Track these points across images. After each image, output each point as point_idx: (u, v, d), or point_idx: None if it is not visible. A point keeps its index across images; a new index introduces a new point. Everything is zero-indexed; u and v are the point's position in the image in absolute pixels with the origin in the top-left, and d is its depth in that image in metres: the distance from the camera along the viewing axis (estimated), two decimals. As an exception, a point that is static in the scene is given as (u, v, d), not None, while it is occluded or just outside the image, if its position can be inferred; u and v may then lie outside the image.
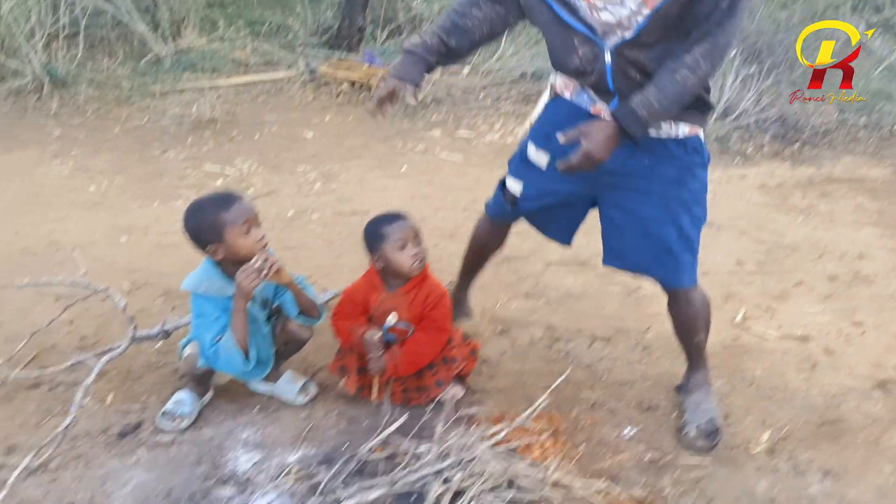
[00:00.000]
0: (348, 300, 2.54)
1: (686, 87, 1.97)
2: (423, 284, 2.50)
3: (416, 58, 2.30)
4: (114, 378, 2.66)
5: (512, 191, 2.55)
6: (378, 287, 2.51)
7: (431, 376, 2.57)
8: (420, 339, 2.50)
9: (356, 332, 2.45)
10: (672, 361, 2.95)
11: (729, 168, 5.25)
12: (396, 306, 2.51)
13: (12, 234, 3.67)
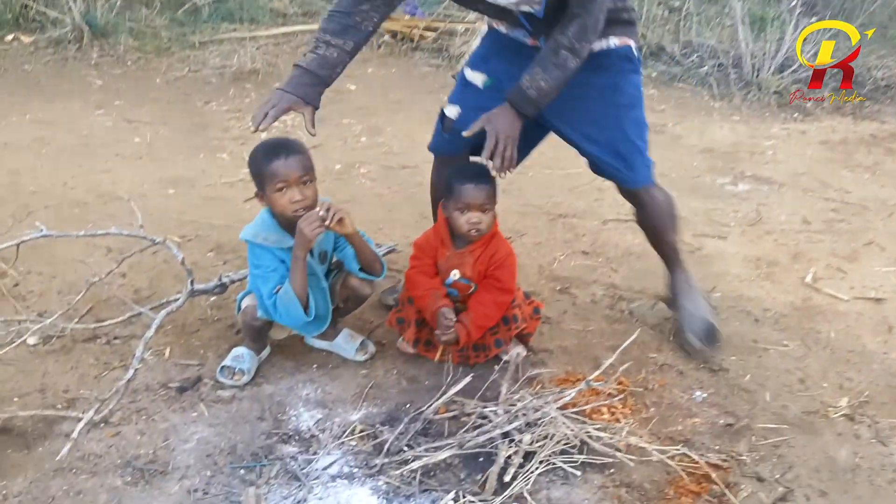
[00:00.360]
0: (420, 252, 2.47)
1: (568, 66, 2.09)
2: (490, 243, 2.41)
3: (312, 76, 2.24)
4: (170, 332, 2.61)
5: (449, 116, 2.46)
6: (446, 243, 2.43)
7: (491, 336, 2.49)
8: (484, 300, 2.41)
9: (435, 301, 2.37)
10: (741, 322, 2.84)
11: (788, 123, 5.05)
12: (461, 264, 2.43)
13: (61, 185, 3.63)
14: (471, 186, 2.31)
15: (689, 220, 3.62)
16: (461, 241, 2.43)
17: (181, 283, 2.90)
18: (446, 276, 2.46)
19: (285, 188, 2.19)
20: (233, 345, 2.55)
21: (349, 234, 2.24)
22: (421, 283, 2.44)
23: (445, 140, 2.56)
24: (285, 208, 2.22)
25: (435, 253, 2.47)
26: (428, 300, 2.41)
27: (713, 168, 4.28)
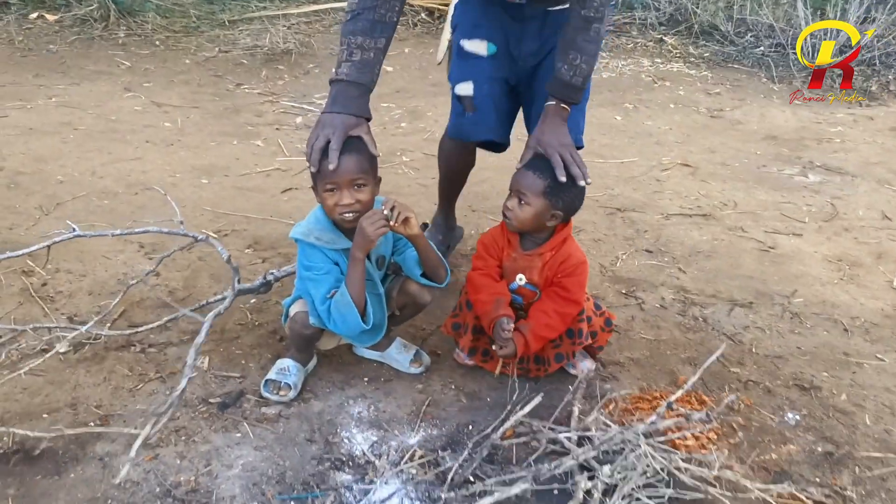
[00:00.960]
0: (485, 251, 2.24)
1: (600, 36, 2.06)
2: (563, 247, 2.17)
3: (356, 87, 2.03)
4: (208, 340, 2.40)
5: (465, 94, 2.36)
6: (513, 243, 2.20)
7: (552, 349, 2.26)
8: (547, 309, 2.17)
9: (496, 309, 2.15)
10: (829, 332, 2.60)
11: (853, 108, 4.74)
12: (527, 267, 2.20)
13: (90, 174, 3.43)
14: (523, 171, 2.08)
15: (760, 215, 3.36)
16: (530, 241, 2.19)
17: (217, 282, 2.71)
18: (511, 279, 2.23)
19: (335, 189, 1.96)
20: (276, 353, 2.35)
21: (414, 235, 2.01)
22: (484, 287, 2.22)
23: (470, 121, 2.39)
24: (331, 211, 2.00)
25: (501, 253, 2.24)
26: (489, 307, 2.18)
27: (779, 157, 4.00)
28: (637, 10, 6.14)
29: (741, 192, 3.59)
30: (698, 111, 4.62)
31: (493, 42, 2.34)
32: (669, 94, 4.85)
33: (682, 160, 3.90)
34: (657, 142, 4.13)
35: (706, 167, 3.84)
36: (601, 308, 2.32)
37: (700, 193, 3.56)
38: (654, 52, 5.63)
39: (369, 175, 1.98)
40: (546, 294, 2.20)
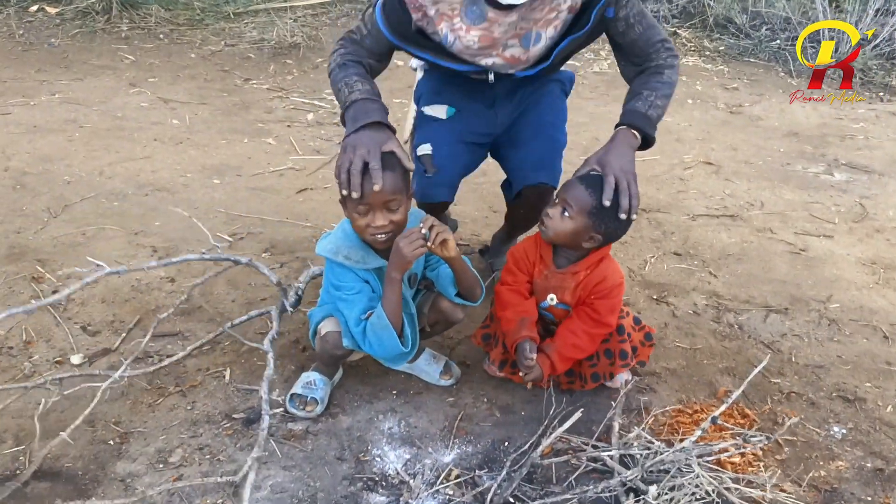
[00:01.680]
0: (515, 265, 2.13)
1: (673, 81, 2.06)
2: (599, 266, 2.04)
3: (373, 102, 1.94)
4: (228, 350, 2.32)
5: (425, 153, 2.26)
6: (545, 259, 2.08)
7: (589, 367, 2.17)
8: (576, 330, 2.07)
9: (519, 329, 2.05)
10: (869, 340, 2.51)
11: (874, 103, 4.65)
12: (560, 287, 2.08)
13: (97, 173, 3.32)
14: (573, 183, 1.93)
15: (788, 216, 3.28)
16: (564, 258, 2.07)
17: (235, 288, 2.62)
18: (542, 297, 2.12)
19: (371, 210, 1.85)
20: (300, 364, 2.27)
21: (452, 256, 1.91)
22: (510, 304, 2.11)
23: (432, 183, 2.26)
24: (363, 231, 1.89)
25: (532, 269, 2.12)
26: (513, 326, 2.08)
27: (802, 154, 3.91)
28: (649, 3, 6.02)
29: (767, 191, 3.50)
30: (717, 107, 4.52)
31: (452, 105, 2.28)
32: (687, 90, 4.75)
33: (704, 158, 3.81)
34: (677, 139, 4.03)
35: (729, 165, 3.75)
36: (640, 322, 2.21)
37: (725, 193, 3.47)
38: (667, 45, 5.52)
39: (403, 194, 1.86)
40: (576, 313, 2.09)
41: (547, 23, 1.97)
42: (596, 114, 4.26)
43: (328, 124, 3.99)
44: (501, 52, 2.02)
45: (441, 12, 1.95)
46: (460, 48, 2.01)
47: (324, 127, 3.97)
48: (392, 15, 1.99)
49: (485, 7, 1.93)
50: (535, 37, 1.99)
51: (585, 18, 1.98)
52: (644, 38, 2.04)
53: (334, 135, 3.86)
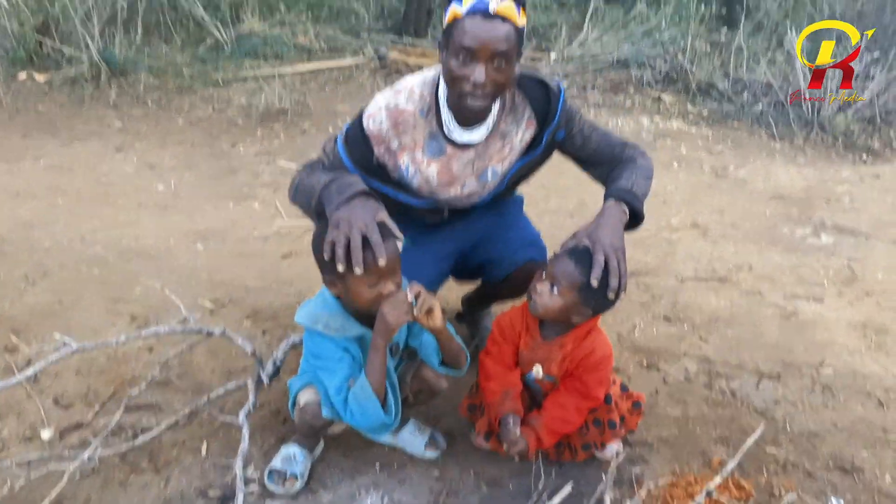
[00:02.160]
0: (501, 334, 2.08)
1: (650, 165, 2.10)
2: (587, 339, 1.99)
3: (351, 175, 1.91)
4: (205, 423, 2.24)
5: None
6: (531, 329, 2.04)
7: (579, 437, 2.10)
8: (564, 403, 2.02)
9: (503, 402, 2.00)
10: (864, 406, 2.46)
11: (858, 166, 4.69)
12: (546, 359, 2.03)
13: (79, 239, 3.28)
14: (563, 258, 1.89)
15: (777, 279, 3.25)
16: (551, 329, 2.02)
17: (214, 357, 2.55)
18: (528, 368, 2.07)
19: (381, 279, 1.79)
20: (280, 436, 2.19)
21: (437, 328, 1.85)
22: (495, 375, 2.06)
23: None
24: (374, 302, 1.81)
25: (518, 339, 2.07)
26: (497, 398, 2.03)
27: (789, 217, 3.92)
28: (633, 69, 6.13)
29: (755, 254, 3.49)
30: (702, 170, 4.55)
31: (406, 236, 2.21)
32: (672, 153, 4.79)
33: (691, 221, 3.81)
34: (664, 201, 4.04)
35: (716, 228, 3.74)
36: (628, 389, 2.16)
37: (713, 256, 3.45)
38: (652, 109, 5.60)
39: (398, 262, 1.82)
40: (564, 385, 2.04)
41: (501, 158, 2.06)
42: (582, 178, 4.24)
43: (314, 189, 3.98)
44: (460, 190, 2.09)
45: (403, 145, 1.99)
46: (420, 182, 2.04)
47: (310, 191, 3.95)
48: (355, 147, 1.99)
49: (444, 143, 1.99)
50: (490, 173, 2.08)
51: (536, 142, 2.06)
52: (605, 143, 2.10)
53: (320, 199, 3.84)
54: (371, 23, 7.19)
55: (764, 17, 6.85)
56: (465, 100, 1.85)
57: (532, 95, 2.02)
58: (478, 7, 1.77)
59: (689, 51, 6.08)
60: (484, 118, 1.99)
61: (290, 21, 6.86)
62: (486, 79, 1.80)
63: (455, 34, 1.79)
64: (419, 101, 1.97)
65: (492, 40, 1.76)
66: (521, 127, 2.04)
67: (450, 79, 1.86)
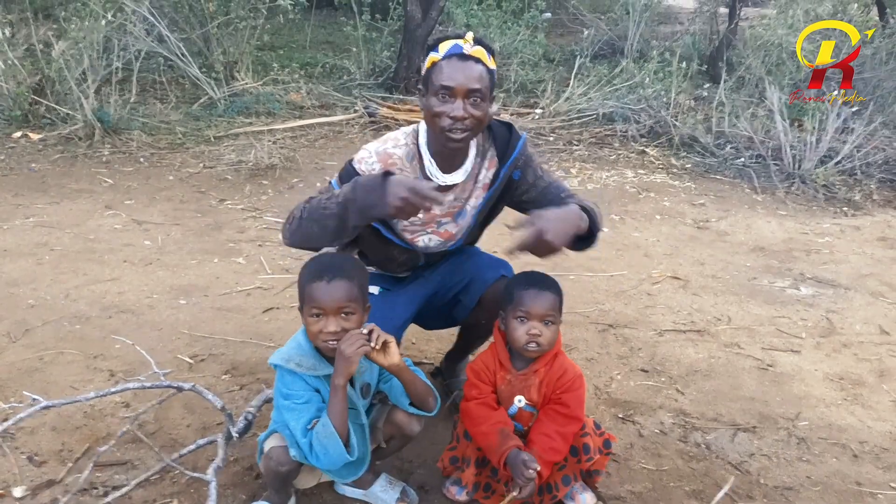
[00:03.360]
0: (477, 378, 2.14)
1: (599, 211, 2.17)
2: (555, 363, 2.10)
3: None
4: (177, 479, 2.24)
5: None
6: (505, 364, 2.12)
7: (558, 471, 2.13)
8: (549, 432, 2.06)
9: (504, 441, 2.01)
10: (838, 459, 2.46)
11: (839, 218, 4.75)
12: (525, 388, 2.11)
13: (63, 296, 3.31)
14: (533, 292, 2.03)
15: (756, 331, 3.27)
16: (522, 360, 2.11)
17: (191, 412, 2.56)
18: (509, 403, 2.13)
19: (321, 315, 1.86)
20: (252, 493, 2.19)
21: (395, 364, 1.89)
22: (483, 418, 2.09)
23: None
24: (315, 337, 1.90)
25: (494, 377, 2.14)
26: (494, 439, 2.04)
27: (769, 269, 3.95)
28: (618, 123, 6.25)
29: (734, 305, 3.52)
30: (684, 222, 4.60)
31: (379, 285, 2.36)
32: (655, 206, 4.86)
33: (671, 273, 3.84)
34: (645, 254, 4.08)
35: (697, 280, 3.78)
36: (601, 428, 2.19)
37: (693, 308, 3.48)
38: (636, 163, 5.69)
39: (358, 303, 1.88)
40: (544, 414, 2.09)
41: (471, 196, 2.22)
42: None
43: (299, 244, 4.03)
44: (437, 229, 2.23)
45: None
46: (404, 223, 2.19)
47: (295, 246, 4.00)
48: (348, 179, 2.07)
49: None
50: (465, 212, 2.24)
51: (495, 179, 2.20)
52: (555, 185, 2.23)
53: (305, 253, 3.87)
54: (362, 80, 7.33)
55: (745, 72, 7.00)
56: (446, 134, 2.00)
57: (497, 134, 2.20)
58: (453, 51, 1.98)
59: (672, 106, 6.20)
60: (462, 161, 2.15)
61: (283, 79, 7.02)
62: (464, 113, 1.97)
63: (434, 76, 1.99)
64: (404, 148, 2.15)
65: (468, 79, 1.96)
66: (486, 166, 2.20)
67: (430, 117, 2.01)
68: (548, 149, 5.84)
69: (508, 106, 6.75)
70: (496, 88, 2.07)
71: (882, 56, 6.62)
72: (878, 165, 5.26)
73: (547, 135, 6.10)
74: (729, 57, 7.72)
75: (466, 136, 2.01)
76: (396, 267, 2.34)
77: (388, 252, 2.25)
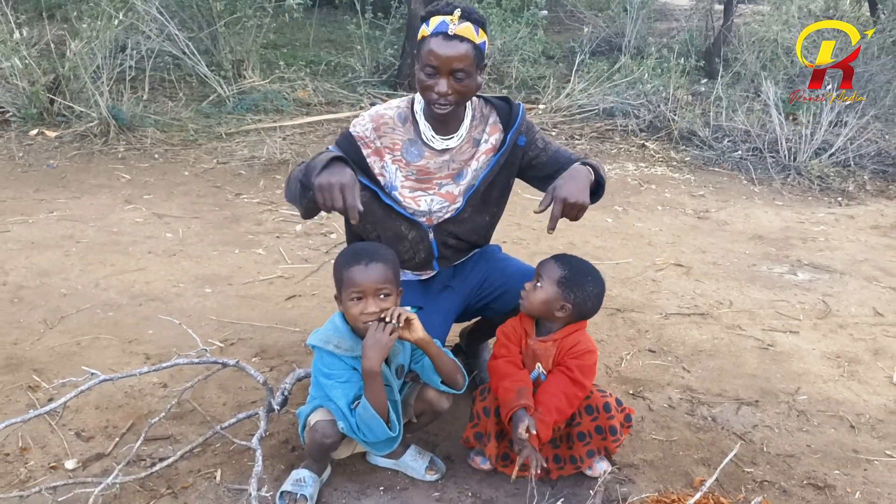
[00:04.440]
0: (506, 339, 2.30)
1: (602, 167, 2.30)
2: (574, 335, 2.25)
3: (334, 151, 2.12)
4: (219, 451, 2.39)
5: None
6: (529, 331, 2.28)
7: (583, 446, 2.27)
8: (554, 391, 2.19)
9: (517, 398, 2.15)
10: (836, 429, 2.62)
11: (833, 207, 4.92)
12: (543, 355, 2.27)
13: (93, 286, 3.45)
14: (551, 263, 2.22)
15: (756, 313, 3.44)
16: (544, 328, 2.27)
17: (226, 391, 2.71)
18: (531, 367, 2.29)
19: (361, 298, 2.01)
20: (290, 463, 2.33)
21: (420, 339, 2.05)
22: (508, 374, 2.23)
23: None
24: (356, 319, 2.04)
25: (520, 341, 2.29)
26: (511, 395, 2.17)
27: (767, 256, 4.12)
28: (618, 118, 6.41)
29: (735, 290, 3.68)
30: (685, 213, 4.77)
31: (413, 305, 2.42)
32: (656, 197, 5.02)
33: (674, 260, 4.00)
34: (649, 243, 4.24)
35: (699, 267, 3.94)
36: (622, 403, 2.34)
37: (696, 293, 3.64)
38: (637, 156, 5.85)
39: (393, 285, 2.04)
40: (552, 375, 2.24)
41: (471, 158, 2.35)
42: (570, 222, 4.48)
43: (316, 234, 4.18)
44: (438, 190, 2.34)
45: (385, 145, 2.28)
46: (400, 189, 2.31)
47: (311, 237, 4.15)
48: (345, 144, 2.27)
49: (423, 148, 2.30)
50: (466, 172, 2.35)
51: (501, 145, 2.34)
52: (561, 152, 2.37)
53: (322, 244, 4.04)
54: (367, 77, 7.48)
55: (742, 67, 7.16)
56: (433, 106, 2.17)
57: (497, 105, 2.36)
58: (439, 29, 2.11)
59: (671, 101, 6.36)
60: (457, 126, 2.30)
61: (289, 77, 7.15)
62: (448, 90, 2.12)
63: (422, 52, 2.14)
64: (397, 110, 2.31)
65: (450, 58, 2.09)
66: (487, 131, 2.35)
67: (420, 88, 2.18)
68: (550, 143, 6.00)
69: (511, 102, 6.89)
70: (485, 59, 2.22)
71: (874, 51, 6.79)
72: (870, 157, 5.44)
73: (549, 130, 6.25)
74: (725, 53, 7.88)
75: (451, 109, 2.17)
76: (410, 251, 2.41)
77: (395, 227, 2.34)
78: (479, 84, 2.22)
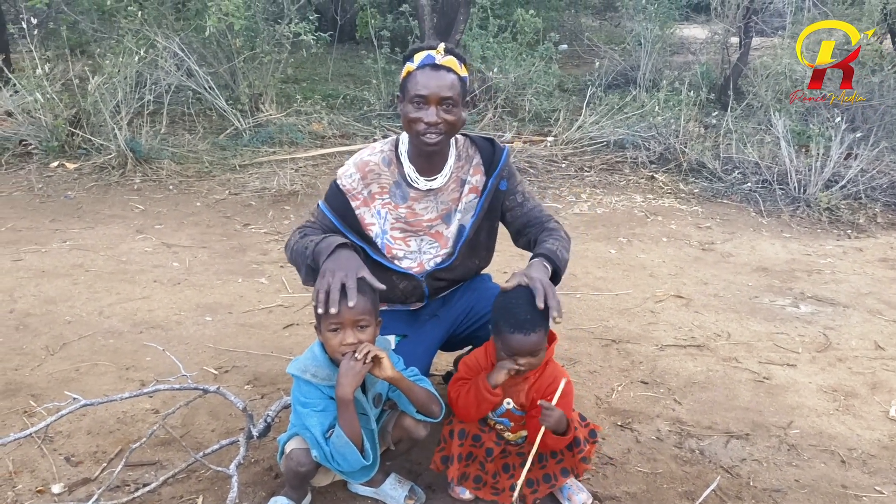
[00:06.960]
0: (469, 372, 2.29)
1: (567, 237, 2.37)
2: (545, 370, 2.24)
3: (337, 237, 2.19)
4: (203, 478, 2.42)
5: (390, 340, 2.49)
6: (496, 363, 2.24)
7: (556, 464, 2.27)
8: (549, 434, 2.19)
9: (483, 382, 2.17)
10: (826, 464, 2.58)
11: (842, 240, 4.87)
12: (514, 390, 2.25)
13: (97, 314, 3.53)
14: (520, 336, 2.09)
15: (753, 346, 3.41)
16: None
17: (216, 418, 2.74)
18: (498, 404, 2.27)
19: (339, 329, 2.04)
20: (271, 491, 2.35)
21: (389, 377, 2.06)
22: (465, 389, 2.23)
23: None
24: (335, 350, 2.06)
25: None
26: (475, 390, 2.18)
27: (770, 288, 4.09)
28: (628, 150, 6.43)
29: (734, 322, 3.65)
30: (690, 244, 4.75)
31: (397, 333, 2.47)
32: (662, 228, 5.01)
33: (675, 292, 3.99)
34: (651, 274, 4.23)
35: (699, 298, 3.92)
36: (585, 419, 2.33)
37: (694, 324, 3.62)
38: (645, 188, 5.85)
39: (371, 316, 2.06)
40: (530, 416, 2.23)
41: (460, 201, 2.37)
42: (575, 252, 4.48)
43: (319, 265, 4.23)
44: (429, 230, 2.38)
45: (373, 192, 2.32)
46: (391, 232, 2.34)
47: (315, 268, 4.20)
48: (334, 203, 2.34)
49: (407, 189, 2.33)
50: (454, 215, 2.38)
51: (483, 189, 2.38)
52: (536, 210, 2.43)
53: (324, 275, 4.09)
54: (381, 110, 7.60)
55: (753, 99, 7.16)
56: (421, 138, 2.19)
57: (481, 146, 2.40)
58: (426, 62, 2.18)
59: (681, 133, 6.37)
60: (441, 166, 2.33)
61: (305, 110, 7.30)
62: (437, 119, 2.16)
63: (409, 85, 2.19)
64: (380, 155, 2.34)
65: (440, 87, 2.15)
66: (470, 172, 2.38)
67: (407, 123, 2.21)
68: (559, 175, 6.03)
69: (522, 134, 6.97)
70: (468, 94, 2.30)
71: (890, 83, 6.75)
72: (882, 189, 5.39)
73: (559, 161, 6.29)
74: (739, 86, 7.88)
75: (441, 139, 2.20)
76: (402, 296, 2.46)
77: (387, 280, 2.33)
78: (464, 119, 2.27)
